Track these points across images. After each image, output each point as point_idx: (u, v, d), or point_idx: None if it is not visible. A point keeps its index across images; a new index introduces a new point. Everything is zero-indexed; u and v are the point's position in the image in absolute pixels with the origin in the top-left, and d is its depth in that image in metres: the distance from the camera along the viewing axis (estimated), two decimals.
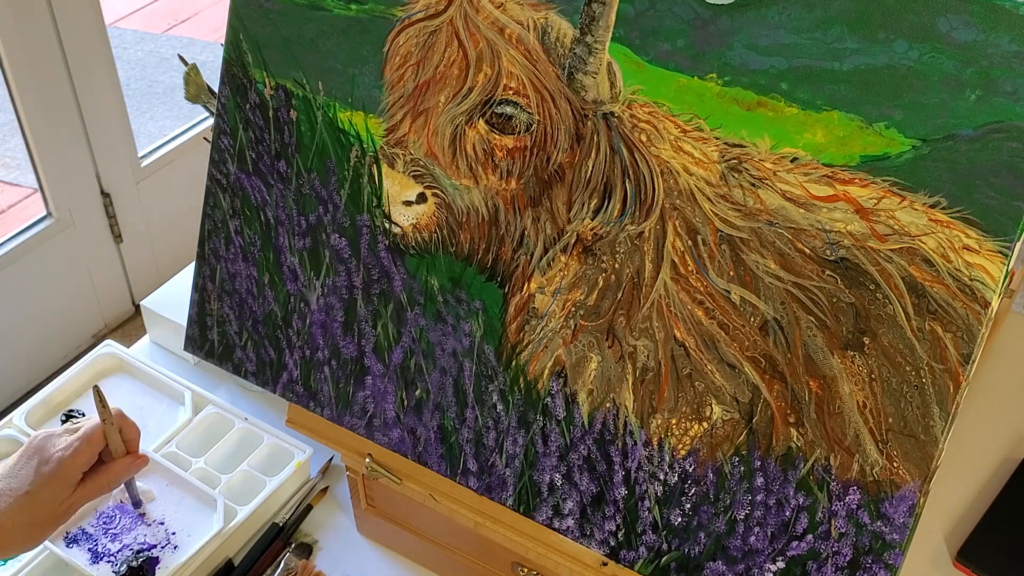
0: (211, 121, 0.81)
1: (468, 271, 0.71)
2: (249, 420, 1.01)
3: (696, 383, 0.65)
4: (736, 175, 0.62)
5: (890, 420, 0.60)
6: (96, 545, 0.89)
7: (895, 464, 0.60)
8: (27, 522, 0.76)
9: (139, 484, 0.92)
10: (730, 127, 0.61)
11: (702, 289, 0.64)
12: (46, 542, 0.86)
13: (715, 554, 0.66)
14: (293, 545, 0.93)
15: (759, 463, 0.64)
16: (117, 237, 2.09)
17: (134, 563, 0.86)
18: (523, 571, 0.80)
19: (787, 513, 0.64)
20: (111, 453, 0.83)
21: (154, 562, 0.88)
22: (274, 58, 0.75)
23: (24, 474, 0.76)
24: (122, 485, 0.87)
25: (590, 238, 0.66)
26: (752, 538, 0.65)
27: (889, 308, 0.59)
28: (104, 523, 0.90)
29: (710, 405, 0.65)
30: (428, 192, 0.71)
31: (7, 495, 0.75)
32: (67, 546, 0.88)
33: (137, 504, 0.90)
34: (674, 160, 0.63)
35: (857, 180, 0.58)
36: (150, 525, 0.91)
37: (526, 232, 0.68)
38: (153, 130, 2.67)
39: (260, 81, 0.76)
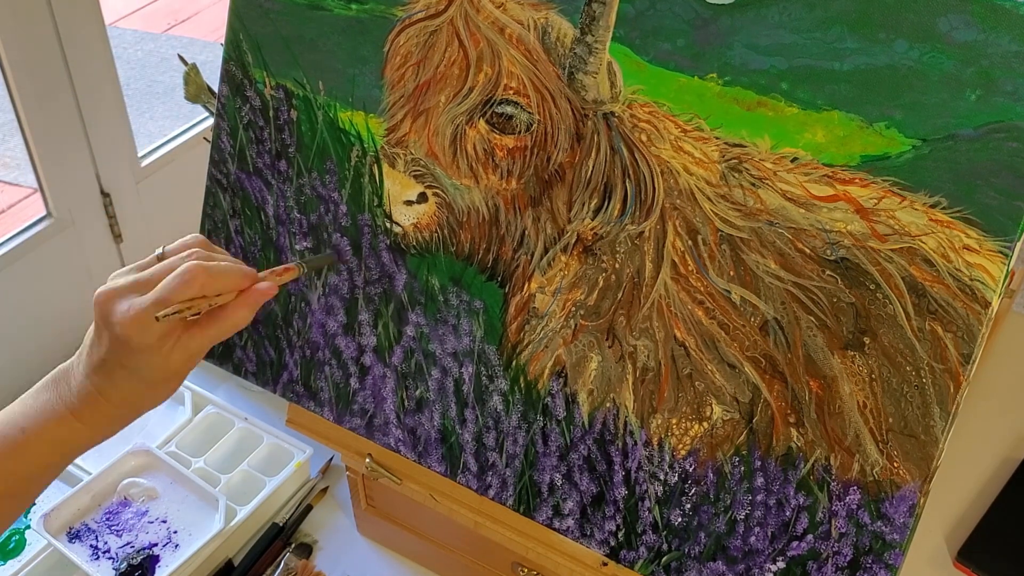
0: (211, 121, 0.81)
1: (469, 271, 0.71)
2: (249, 420, 1.01)
3: (696, 383, 0.65)
4: (736, 175, 0.62)
5: (890, 420, 0.60)
6: (98, 541, 0.89)
7: (895, 464, 0.60)
8: (142, 386, 0.63)
9: (142, 481, 0.92)
10: (730, 127, 0.61)
11: (702, 289, 0.64)
12: (49, 538, 0.86)
13: (715, 554, 0.66)
14: (293, 545, 0.93)
15: (759, 463, 0.64)
16: (117, 237, 2.09)
17: (135, 560, 0.86)
18: (523, 571, 0.80)
19: (787, 513, 0.64)
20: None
21: (155, 560, 0.88)
22: (274, 58, 0.75)
23: (101, 347, 0.63)
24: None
25: (590, 238, 0.66)
26: (752, 538, 0.65)
27: (889, 308, 0.59)
28: (107, 519, 0.90)
29: (710, 405, 0.65)
30: (429, 192, 0.71)
31: (104, 368, 0.63)
32: (69, 541, 0.88)
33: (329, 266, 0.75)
34: (674, 160, 0.63)
35: (857, 180, 0.59)
36: (152, 523, 0.91)
37: (526, 232, 0.68)
38: (153, 130, 2.67)
39: (260, 81, 0.76)
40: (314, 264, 0.74)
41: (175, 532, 0.90)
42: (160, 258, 0.66)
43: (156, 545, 0.89)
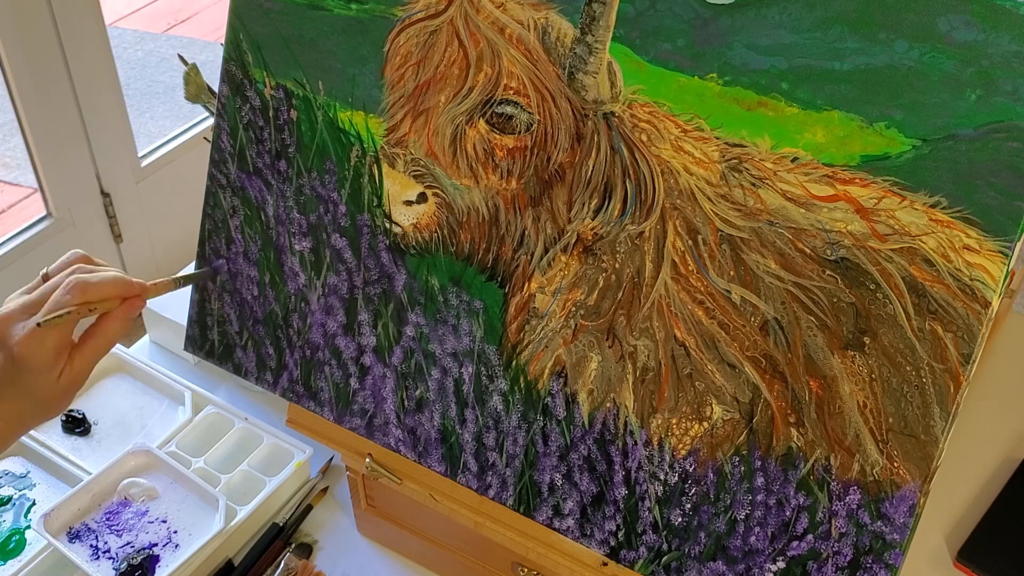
0: (211, 121, 0.81)
1: (468, 271, 0.71)
2: (249, 420, 1.01)
3: (696, 383, 0.65)
4: (736, 175, 0.62)
5: (890, 420, 0.60)
6: (98, 541, 0.89)
7: (895, 464, 0.60)
8: (30, 403, 0.68)
9: (143, 481, 0.92)
10: (730, 127, 0.61)
11: (702, 289, 0.64)
12: (49, 538, 0.86)
13: (715, 554, 0.66)
14: (293, 545, 0.93)
15: (759, 463, 0.64)
16: (117, 237, 2.09)
17: (135, 560, 0.86)
18: (523, 571, 0.80)
19: (787, 513, 0.64)
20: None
21: (155, 560, 0.88)
22: (274, 58, 0.75)
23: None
24: None
25: (590, 238, 0.66)
26: (752, 538, 0.65)
27: (889, 308, 0.59)
28: (107, 519, 0.90)
29: (710, 405, 0.65)
30: (428, 192, 0.71)
31: None
32: (69, 541, 0.88)
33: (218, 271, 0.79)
34: (674, 160, 0.63)
35: (857, 180, 0.59)
36: (152, 523, 0.91)
37: (526, 232, 0.68)
38: (153, 130, 2.67)
39: (260, 81, 0.76)
40: (192, 279, 0.80)
41: (175, 532, 0.90)
42: (45, 278, 0.71)
43: (156, 545, 0.89)
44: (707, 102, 0.61)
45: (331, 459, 1.01)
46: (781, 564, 0.64)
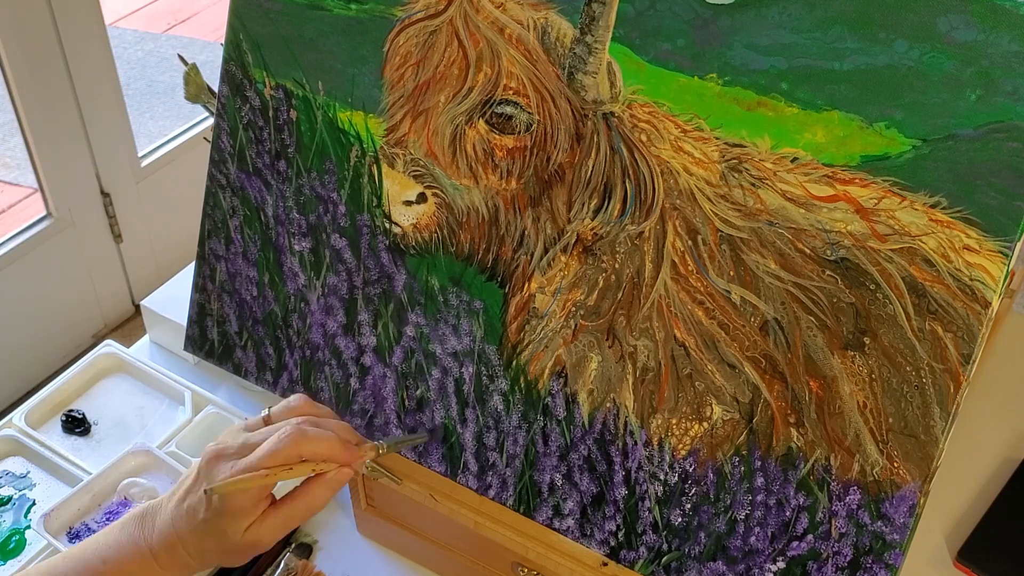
0: (211, 121, 0.81)
1: (468, 271, 0.71)
2: None
3: (696, 383, 0.65)
4: (736, 175, 0.62)
5: (890, 420, 0.60)
6: None
7: (895, 464, 0.60)
8: (220, 547, 0.65)
9: (142, 481, 0.92)
10: (730, 127, 0.61)
11: (702, 289, 0.64)
12: (49, 538, 0.86)
13: (715, 554, 0.66)
14: (293, 545, 0.93)
15: (759, 463, 0.64)
16: (117, 237, 2.09)
17: None
18: (523, 571, 0.80)
19: (787, 513, 0.64)
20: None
21: None
22: (274, 58, 0.75)
23: (194, 497, 0.65)
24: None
25: (590, 238, 0.66)
26: (752, 538, 0.65)
27: (889, 308, 0.59)
28: (107, 519, 0.90)
29: (710, 405, 0.65)
30: (428, 192, 0.71)
31: (189, 517, 0.65)
32: (70, 541, 0.88)
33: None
34: (674, 160, 0.63)
35: (857, 180, 0.58)
36: None
37: (526, 232, 0.68)
38: (153, 130, 2.67)
39: (260, 81, 0.76)
40: (403, 444, 0.74)
41: None
42: (266, 420, 0.68)
43: None
44: (707, 102, 0.61)
45: None
46: (781, 564, 0.64)
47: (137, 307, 2.16)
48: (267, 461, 0.62)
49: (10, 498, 0.95)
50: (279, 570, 0.90)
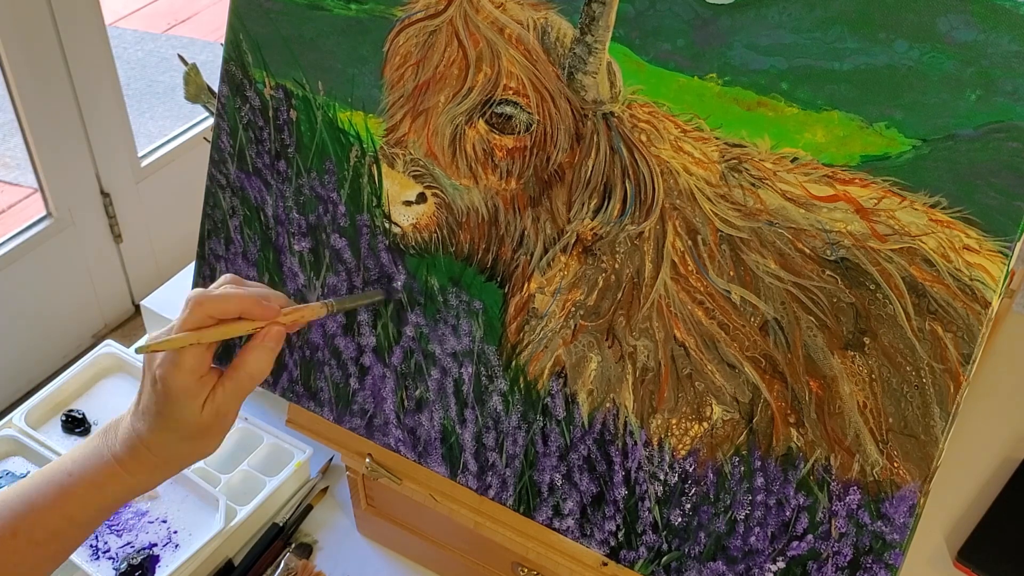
0: (211, 121, 0.81)
1: (468, 271, 0.71)
2: (249, 420, 1.01)
3: (696, 383, 0.65)
4: (736, 175, 0.62)
5: (890, 420, 0.60)
6: (98, 541, 0.89)
7: (895, 464, 0.60)
8: (176, 437, 0.65)
9: None
10: (730, 127, 0.61)
11: (702, 289, 0.64)
12: None
13: (715, 554, 0.66)
14: (293, 545, 0.93)
15: (759, 463, 0.64)
16: (117, 237, 2.09)
17: (135, 560, 0.86)
18: (523, 571, 0.80)
19: (787, 513, 0.64)
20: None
21: (155, 560, 0.88)
22: (274, 58, 0.75)
23: (144, 393, 0.65)
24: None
25: (590, 238, 0.66)
26: (752, 538, 0.65)
27: (889, 308, 0.59)
28: (108, 519, 0.90)
29: (710, 405, 0.65)
30: (428, 192, 0.71)
31: (146, 415, 0.65)
32: None
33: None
34: (674, 160, 0.63)
35: (857, 180, 0.58)
36: (152, 523, 0.91)
37: (526, 232, 0.68)
38: (153, 130, 2.67)
39: (260, 81, 0.76)
40: (357, 303, 0.72)
41: (175, 532, 0.90)
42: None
43: (156, 545, 0.89)
44: (707, 102, 0.61)
45: (331, 459, 1.01)
46: (781, 564, 0.64)
47: (137, 307, 2.16)
48: (179, 327, 0.63)
49: None
50: (279, 570, 0.90)
